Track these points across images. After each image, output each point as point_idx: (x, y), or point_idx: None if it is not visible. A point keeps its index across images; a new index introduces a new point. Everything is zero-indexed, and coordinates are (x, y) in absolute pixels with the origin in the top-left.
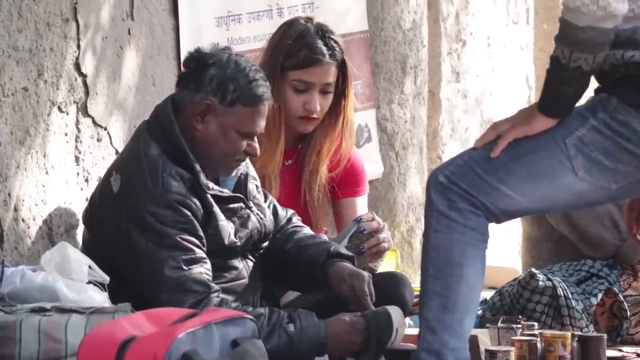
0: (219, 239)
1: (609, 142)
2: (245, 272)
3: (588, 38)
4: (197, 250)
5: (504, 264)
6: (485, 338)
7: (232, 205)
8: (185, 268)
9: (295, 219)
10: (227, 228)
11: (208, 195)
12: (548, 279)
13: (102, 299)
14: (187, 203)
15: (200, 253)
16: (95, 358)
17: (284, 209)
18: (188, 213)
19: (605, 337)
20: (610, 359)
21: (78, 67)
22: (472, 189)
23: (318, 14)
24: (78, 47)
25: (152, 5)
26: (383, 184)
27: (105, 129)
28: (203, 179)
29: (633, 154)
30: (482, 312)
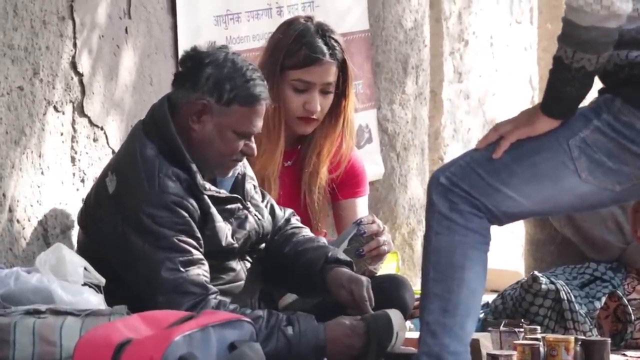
0: (216, 240)
1: (613, 143)
2: (243, 273)
3: (591, 38)
4: (194, 252)
5: (507, 267)
6: (487, 342)
7: (229, 206)
8: (183, 270)
9: (294, 220)
10: (224, 229)
11: (205, 196)
12: (551, 282)
13: (97, 301)
14: (183, 204)
15: (198, 254)
16: None
17: (282, 209)
18: (185, 214)
19: (609, 341)
20: None
21: (74, 66)
22: (473, 191)
23: (318, 13)
24: (74, 45)
25: (149, 4)
26: (384, 186)
27: (102, 129)
28: (200, 180)
29: (637, 156)
30: (484, 315)
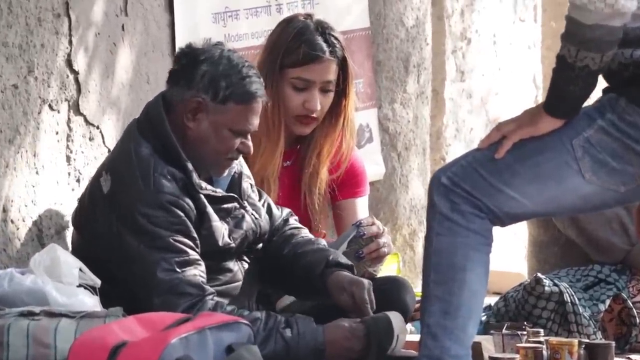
0: (213, 240)
1: (617, 143)
2: (240, 274)
3: (595, 37)
4: (190, 252)
5: (509, 269)
6: (489, 345)
7: (225, 205)
8: (179, 270)
9: (292, 220)
10: (220, 229)
11: (201, 195)
12: (554, 285)
13: (93, 303)
14: (179, 203)
15: (194, 255)
16: None
17: (279, 208)
18: (181, 214)
19: (614, 344)
20: None
21: (70, 64)
22: (475, 191)
23: (318, 11)
24: (70, 43)
25: (146, 1)
26: (385, 186)
27: (98, 128)
28: (196, 179)
29: None
30: (486, 318)
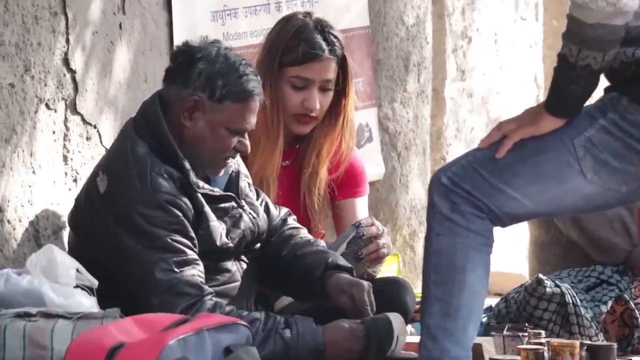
0: (211, 240)
1: (619, 143)
2: (239, 275)
3: (597, 36)
4: (188, 252)
5: (510, 269)
6: (490, 347)
7: (223, 205)
8: (177, 270)
9: (291, 220)
10: (218, 229)
11: (198, 195)
12: (556, 286)
13: (90, 304)
14: (177, 203)
15: (192, 254)
16: None
17: (277, 208)
18: (178, 213)
19: (616, 346)
20: None
21: (67, 62)
22: (475, 191)
23: (317, 9)
24: (67, 41)
25: None
26: (384, 186)
27: (95, 127)
28: (193, 178)
29: None
30: (487, 319)
